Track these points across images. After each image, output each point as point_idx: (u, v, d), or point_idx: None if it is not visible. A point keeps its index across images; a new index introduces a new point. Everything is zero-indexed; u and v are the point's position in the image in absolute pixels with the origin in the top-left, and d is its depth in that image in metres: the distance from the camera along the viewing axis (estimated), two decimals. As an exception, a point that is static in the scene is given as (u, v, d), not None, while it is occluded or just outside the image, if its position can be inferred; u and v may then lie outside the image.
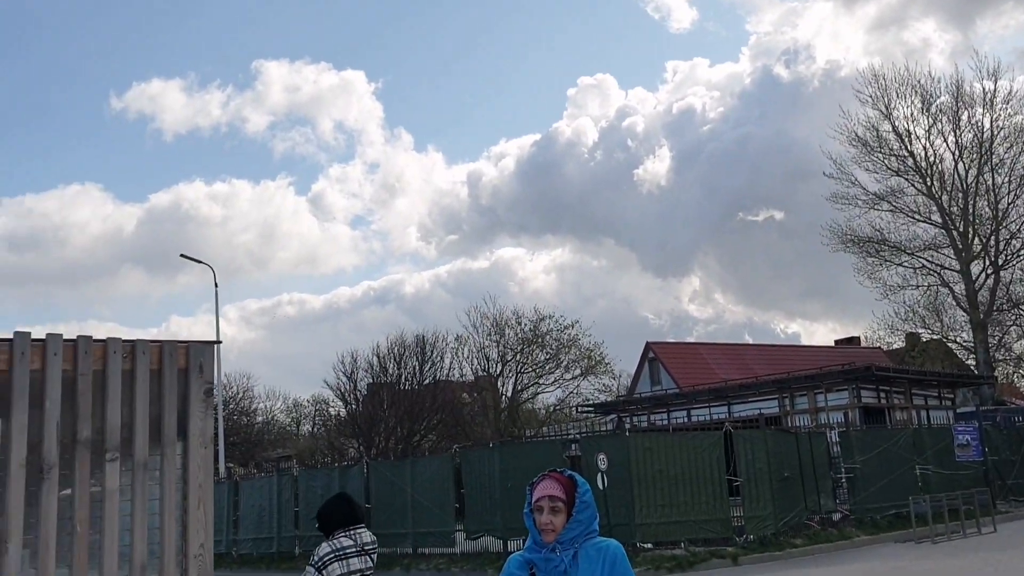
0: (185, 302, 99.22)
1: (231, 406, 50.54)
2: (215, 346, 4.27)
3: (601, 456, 18.70)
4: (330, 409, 45.40)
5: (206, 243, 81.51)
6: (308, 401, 52.11)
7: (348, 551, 5.36)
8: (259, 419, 52.45)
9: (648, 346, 45.17)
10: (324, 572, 5.28)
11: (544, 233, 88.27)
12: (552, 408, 42.82)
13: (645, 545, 18.72)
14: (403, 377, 38.61)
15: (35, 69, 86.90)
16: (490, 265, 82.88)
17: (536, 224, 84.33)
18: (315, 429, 48.65)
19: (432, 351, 38.77)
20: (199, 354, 4.19)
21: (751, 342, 54.44)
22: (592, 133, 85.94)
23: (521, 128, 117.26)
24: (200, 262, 34.33)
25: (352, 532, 5.46)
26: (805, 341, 64.77)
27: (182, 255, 34.79)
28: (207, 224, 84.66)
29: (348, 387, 40.11)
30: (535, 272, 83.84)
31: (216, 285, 33.36)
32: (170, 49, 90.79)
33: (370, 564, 5.49)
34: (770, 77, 78.88)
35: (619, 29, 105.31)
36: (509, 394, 40.87)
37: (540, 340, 41.83)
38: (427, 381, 38.37)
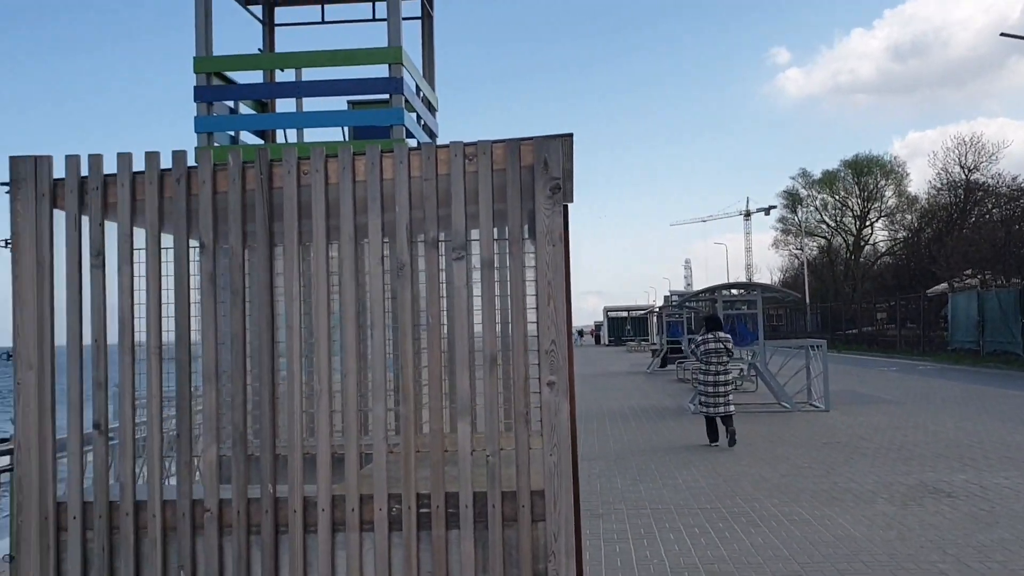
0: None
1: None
2: (560, 140, 4.08)
3: None
4: None
5: None
6: None
7: (708, 340, 11.96)
8: None
9: None
10: (698, 350, 12.06)
11: None
12: None
13: None
14: None
15: None
16: None
17: None
18: None
19: None
20: (542, 150, 4.06)
21: None
22: None
23: None
24: (1024, 38, 30.53)
25: (714, 332, 12.05)
26: None
27: (1002, 34, 32.02)
28: None
29: None
30: None
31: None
32: None
33: (721, 347, 11.92)
34: None
35: None
36: None
37: None
38: None
